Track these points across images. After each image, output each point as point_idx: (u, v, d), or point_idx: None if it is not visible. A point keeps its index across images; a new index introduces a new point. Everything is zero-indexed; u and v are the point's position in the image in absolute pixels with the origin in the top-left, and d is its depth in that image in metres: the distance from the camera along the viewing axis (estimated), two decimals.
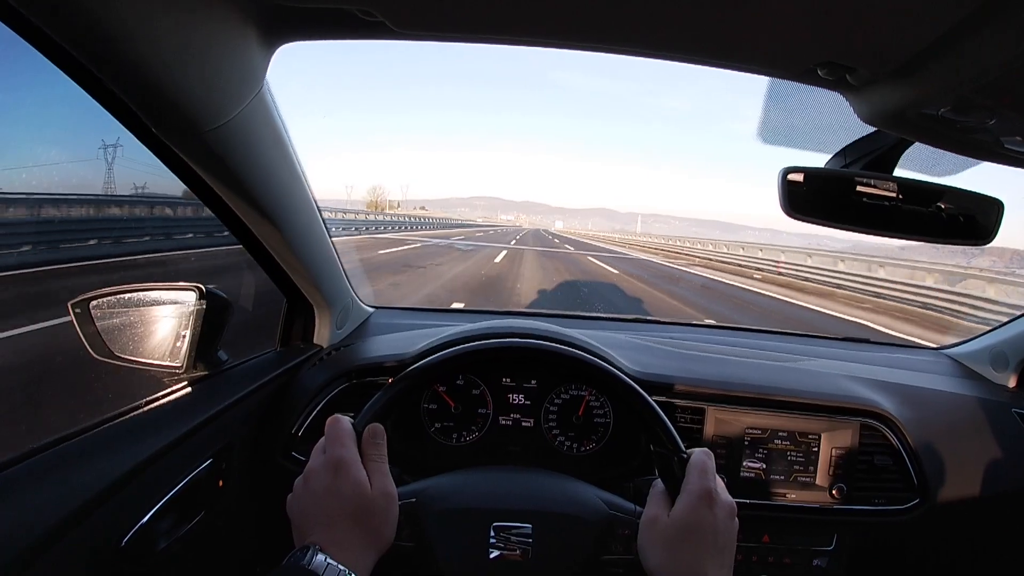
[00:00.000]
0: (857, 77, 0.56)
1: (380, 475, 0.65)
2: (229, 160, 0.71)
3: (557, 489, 0.80)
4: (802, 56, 0.54)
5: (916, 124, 0.60)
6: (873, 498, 1.03)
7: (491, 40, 0.56)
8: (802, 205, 0.74)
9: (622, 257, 20.53)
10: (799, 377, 1.13)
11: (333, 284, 1.14)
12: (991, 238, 0.78)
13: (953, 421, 1.12)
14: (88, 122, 1.74)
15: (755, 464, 1.03)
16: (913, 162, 0.76)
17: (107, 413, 0.77)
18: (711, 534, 0.63)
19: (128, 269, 4.82)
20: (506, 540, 0.73)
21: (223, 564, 0.95)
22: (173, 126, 0.63)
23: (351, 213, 28.83)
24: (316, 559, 0.56)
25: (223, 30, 0.57)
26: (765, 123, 0.77)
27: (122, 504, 0.68)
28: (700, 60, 0.57)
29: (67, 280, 3.74)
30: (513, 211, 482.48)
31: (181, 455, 0.79)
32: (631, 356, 1.08)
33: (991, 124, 0.57)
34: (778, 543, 1.04)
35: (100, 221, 5.17)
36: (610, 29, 0.53)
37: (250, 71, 0.64)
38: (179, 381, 0.90)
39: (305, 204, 0.92)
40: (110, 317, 0.88)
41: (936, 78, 0.52)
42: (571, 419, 1.07)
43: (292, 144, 0.82)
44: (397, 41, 0.58)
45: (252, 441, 0.97)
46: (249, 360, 1.05)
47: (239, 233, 0.90)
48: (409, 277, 8.75)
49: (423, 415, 1.06)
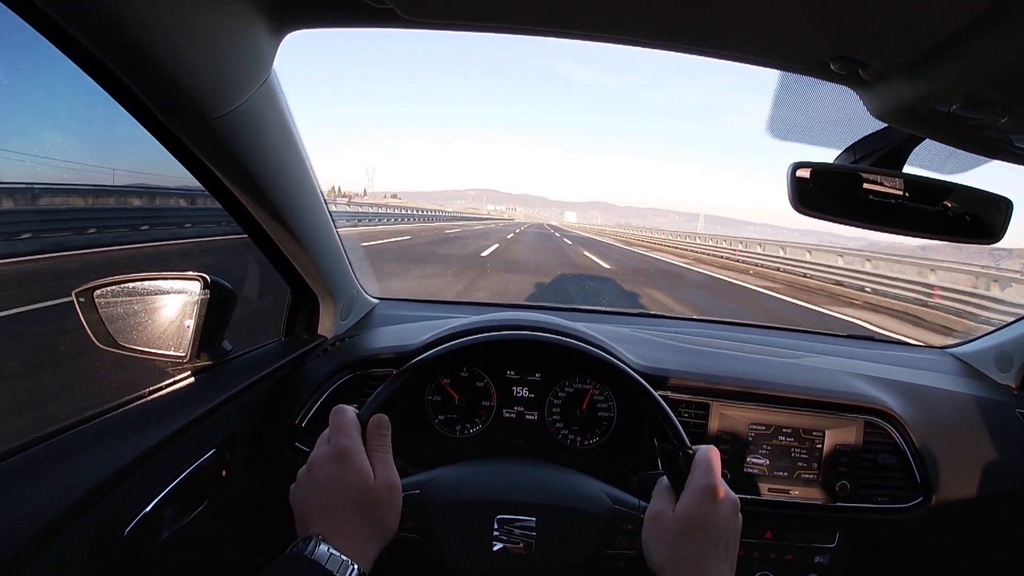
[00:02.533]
0: (870, 72, 0.55)
1: (384, 466, 0.65)
2: (235, 148, 0.70)
3: (561, 482, 0.80)
4: (815, 50, 0.53)
5: (928, 120, 0.60)
6: (876, 496, 1.03)
7: (498, 29, 0.55)
8: (810, 200, 0.74)
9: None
10: (804, 373, 1.13)
11: (338, 275, 1.14)
12: (999, 237, 0.77)
13: (957, 420, 1.12)
14: (93, 109, 1.73)
15: (759, 460, 1.03)
16: (923, 159, 0.76)
17: (111, 403, 0.78)
18: (715, 530, 0.64)
19: (126, 261, 4.79)
20: (510, 533, 0.73)
21: (226, 554, 0.95)
22: (179, 113, 0.63)
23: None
24: (319, 549, 0.56)
25: (231, 16, 0.56)
26: (775, 118, 0.77)
27: (125, 494, 0.68)
28: (712, 53, 0.57)
29: (64, 267, 3.72)
30: (508, 203, 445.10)
31: (184, 445, 0.79)
32: (636, 350, 1.08)
33: (1003, 122, 0.57)
34: (780, 540, 1.04)
35: (97, 211, 5.14)
36: (622, 19, 0.53)
37: (258, 58, 0.63)
38: (183, 371, 0.90)
39: (311, 194, 0.92)
40: (114, 306, 0.88)
41: (949, 74, 0.52)
42: (575, 413, 1.07)
43: (299, 133, 0.82)
44: (401, 30, 0.57)
45: (256, 431, 0.97)
46: (253, 350, 1.05)
47: (244, 223, 0.90)
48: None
49: (427, 407, 1.06)
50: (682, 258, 19.68)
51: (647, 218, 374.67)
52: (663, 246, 26.52)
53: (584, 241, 26.43)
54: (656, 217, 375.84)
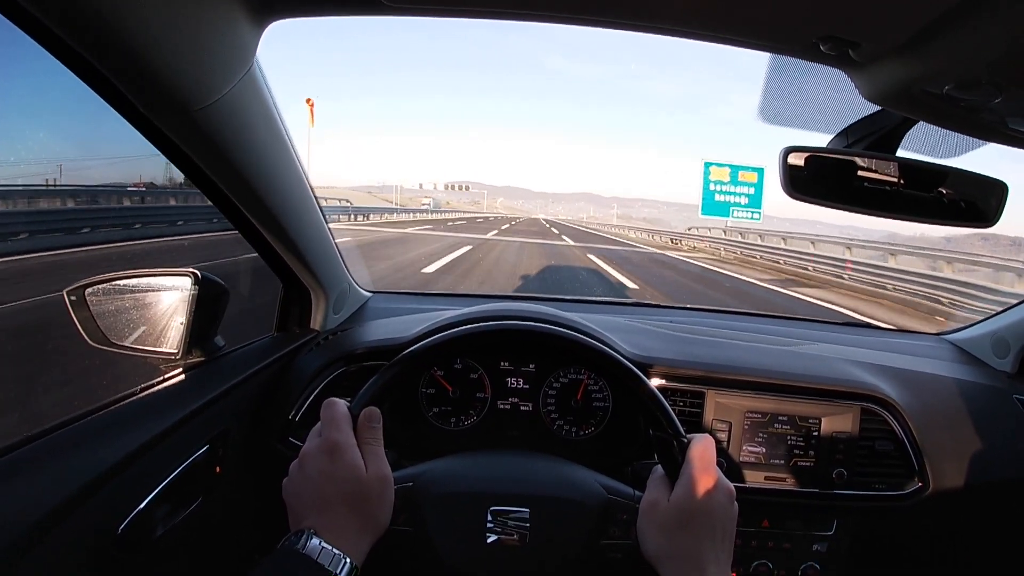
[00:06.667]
0: (860, 53, 0.55)
1: (376, 458, 0.65)
2: (220, 140, 0.69)
3: (555, 473, 0.80)
4: (805, 30, 0.53)
5: (920, 102, 0.59)
6: (873, 483, 1.02)
7: (482, 14, 0.54)
8: (803, 185, 0.73)
9: None
10: (800, 361, 1.13)
11: (329, 268, 1.13)
12: (994, 221, 0.77)
13: (954, 407, 1.11)
14: (72, 103, 1.69)
15: (755, 448, 1.02)
16: (916, 143, 0.75)
17: (103, 400, 0.77)
18: (710, 519, 0.63)
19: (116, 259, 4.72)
20: (503, 524, 0.72)
21: (221, 550, 0.95)
22: (161, 105, 0.62)
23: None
24: (311, 543, 0.56)
25: (212, 6, 0.55)
26: (765, 104, 0.76)
27: (119, 491, 0.68)
28: (700, 35, 0.56)
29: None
30: (492, 196, 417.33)
31: (177, 442, 0.79)
32: (631, 339, 1.07)
33: (996, 103, 0.56)
34: (777, 528, 1.04)
35: (82, 211, 5.06)
36: (606, 3, 0.52)
37: (240, 48, 0.62)
38: (175, 367, 0.90)
39: (298, 185, 0.91)
40: (106, 304, 0.88)
41: (942, 54, 0.51)
42: (570, 403, 1.06)
43: (284, 124, 0.81)
44: (381, 20, 0.57)
45: (249, 427, 0.97)
46: (245, 346, 1.05)
47: (233, 217, 0.89)
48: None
49: (421, 400, 1.06)
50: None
51: (636, 209, 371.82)
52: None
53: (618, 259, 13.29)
54: (644, 208, 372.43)
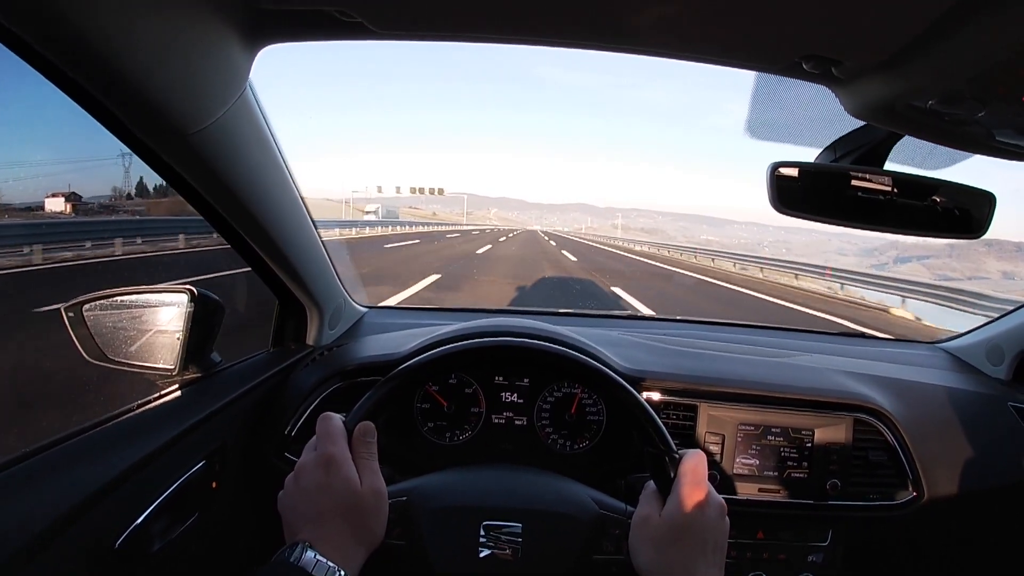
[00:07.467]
0: (843, 70, 0.55)
1: (370, 473, 0.65)
2: (215, 162, 0.70)
3: (547, 488, 0.80)
4: (786, 49, 0.53)
5: (905, 117, 0.60)
6: (868, 494, 1.02)
7: (468, 39, 0.55)
8: (791, 201, 0.74)
9: None
10: (792, 372, 1.13)
11: (324, 284, 1.13)
12: (983, 231, 0.77)
13: (948, 415, 1.11)
14: (70, 127, 1.71)
15: (748, 460, 1.02)
16: (905, 155, 0.76)
17: (100, 416, 0.78)
18: (702, 534, 0.63)
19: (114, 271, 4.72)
20: (496, 539, 0.72)
21: (218, 566, 0.95)
22: (157, 130, 0.63)
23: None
24: (305, 556, 0.56)
25: (204, 32, 0.56)
26: (753, 119, 0.76)
27: (116, 506, 0.68)
28: (683, 56, 0.57)
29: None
30: (486, 207, 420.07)
31: (174, 457, 0.79)
32: (623, 353, 1.08)
33: (981, 116, 0.57)
34: (772, 539, 1.04)
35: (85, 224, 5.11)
36: (592, 26, 0.52)
37: (233, 73, 0.63)
38: (171, 383, 0.90)
39: (293, 205, 0.92)
40: (103, 320, 0.88)
41: (924, 70, 0.51)
42: (564, 417, 1.07)
43: (279, 145, 0.82)
44: (374, 41, 0.58)
45: (245, 442, 0.97)
46: (241, 362, 1.05)
47: (229, 236, 0.90)
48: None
49: (416, 415, 1.06)
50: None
51: (631, 219, 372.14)
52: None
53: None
54: (640, 218, 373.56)
